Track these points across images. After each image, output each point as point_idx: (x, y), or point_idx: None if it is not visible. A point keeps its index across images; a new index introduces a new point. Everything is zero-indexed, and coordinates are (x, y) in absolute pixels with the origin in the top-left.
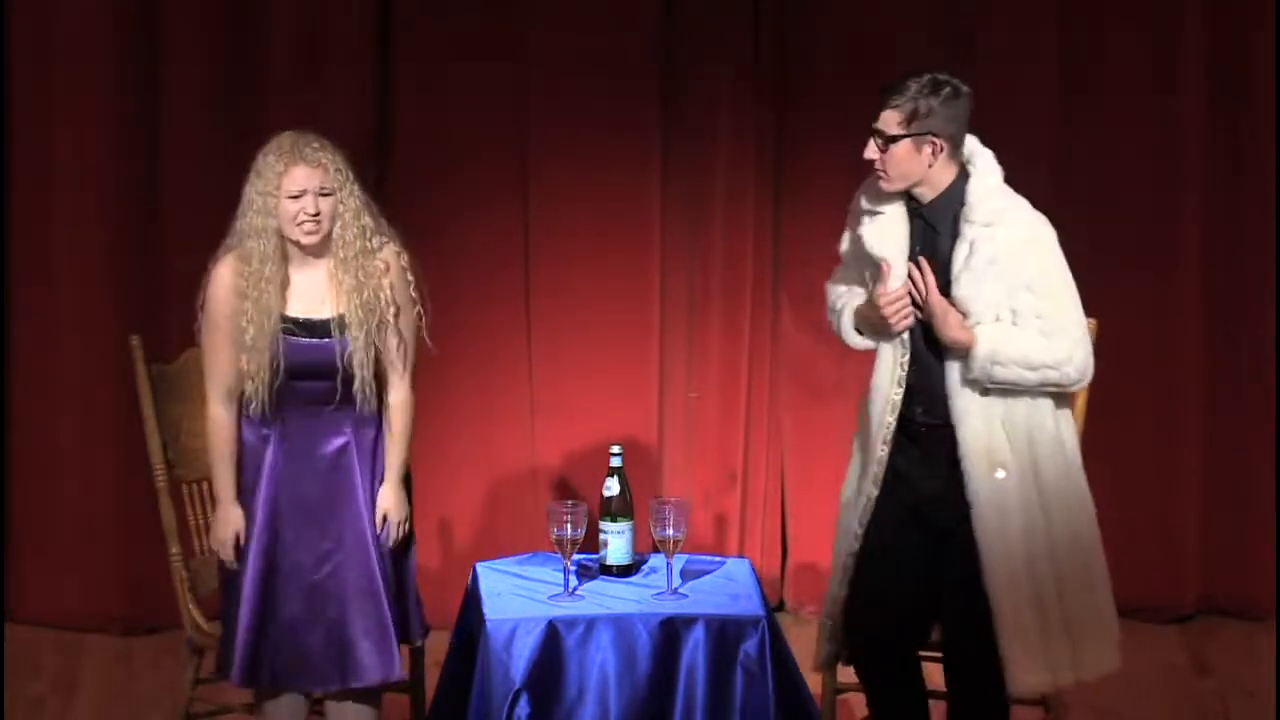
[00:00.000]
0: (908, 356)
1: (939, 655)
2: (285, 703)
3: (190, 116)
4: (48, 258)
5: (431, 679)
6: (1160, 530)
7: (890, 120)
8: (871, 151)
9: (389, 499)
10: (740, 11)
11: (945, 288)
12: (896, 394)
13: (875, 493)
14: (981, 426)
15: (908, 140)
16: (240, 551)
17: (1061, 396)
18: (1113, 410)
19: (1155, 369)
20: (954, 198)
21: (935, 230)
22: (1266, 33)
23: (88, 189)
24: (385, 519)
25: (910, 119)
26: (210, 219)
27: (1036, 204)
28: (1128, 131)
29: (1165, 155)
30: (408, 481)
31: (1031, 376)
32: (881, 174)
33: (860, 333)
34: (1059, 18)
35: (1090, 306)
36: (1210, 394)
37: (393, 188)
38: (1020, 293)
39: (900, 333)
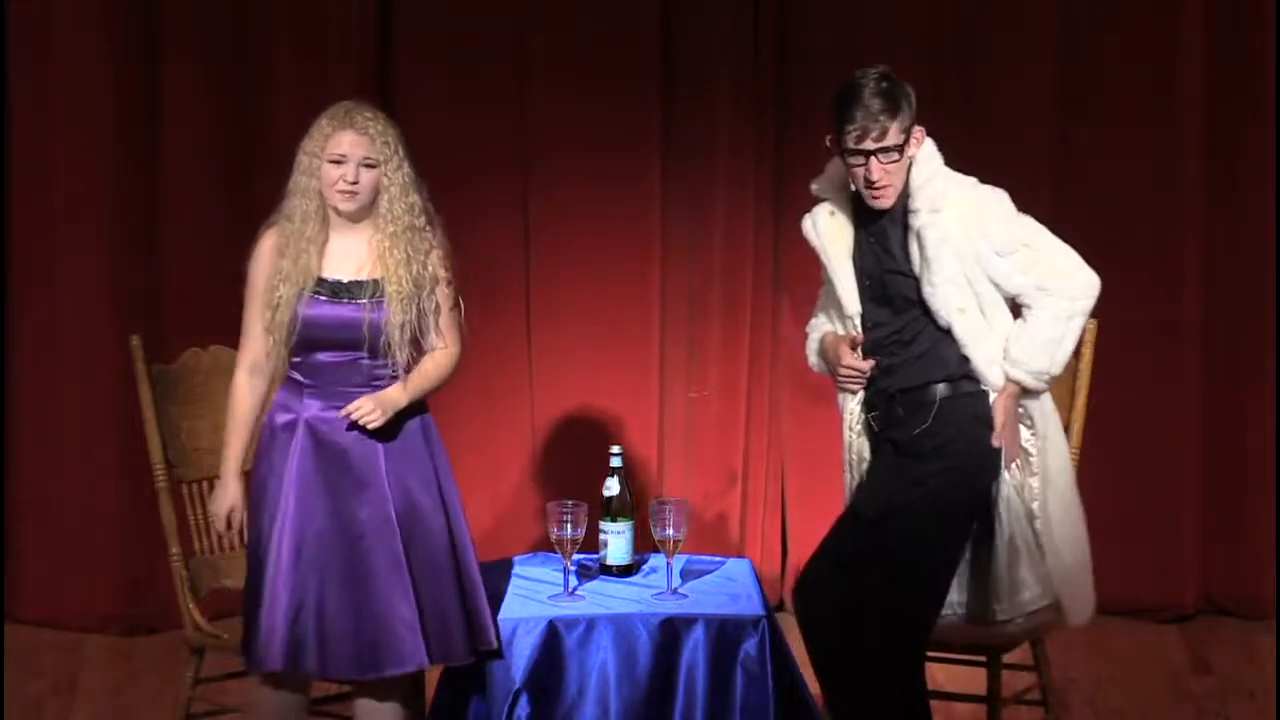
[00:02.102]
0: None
1: (940, 656)
2: (285, 694)
3: (190, 117)
4: (48, 258)
5: (432, 679)
6: (1160, 530)
7: (896, 133)
8: (881, 172)
9: (383, 391)
10: (740, 14)
11: (895, 274)
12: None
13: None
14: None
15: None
16: (258, 534)
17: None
18: (1113, 410)
19: (1155, 369)
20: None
21: (885, 216)
22: (1266, 33)
23: (88, 189)
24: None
25: (905, 122)
26: (210, 220)
27: (1037, 204)
28: (1128, 132)
29: (1165, 156)
30: (429, 431)
31: (1068, 329)
32: (884, 193)
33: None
34: (1059, 19)
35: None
36: (1210, 394)
37: None
38: (992, 261)
39: (847, 392)
